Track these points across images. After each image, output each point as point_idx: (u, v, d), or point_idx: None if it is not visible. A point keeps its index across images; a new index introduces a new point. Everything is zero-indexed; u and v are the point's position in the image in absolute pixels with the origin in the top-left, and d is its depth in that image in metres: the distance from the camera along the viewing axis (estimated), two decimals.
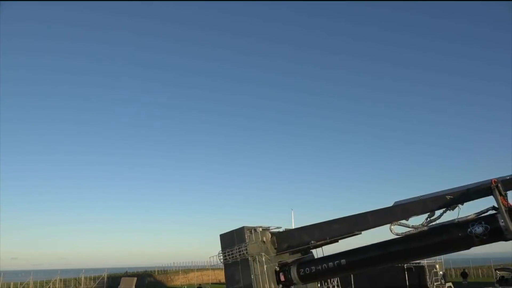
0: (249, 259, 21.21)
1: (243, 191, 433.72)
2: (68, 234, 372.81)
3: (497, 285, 33.84)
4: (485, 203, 16.25)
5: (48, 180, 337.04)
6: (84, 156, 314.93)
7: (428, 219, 17.27)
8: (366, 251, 19.12)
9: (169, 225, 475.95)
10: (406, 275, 31.52)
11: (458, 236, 16.17)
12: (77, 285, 50.23)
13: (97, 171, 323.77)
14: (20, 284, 46.39)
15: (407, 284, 31.31)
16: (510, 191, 15.73)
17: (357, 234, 19.95)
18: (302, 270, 21.55)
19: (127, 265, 68.92)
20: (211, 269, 59.71)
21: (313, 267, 21.28)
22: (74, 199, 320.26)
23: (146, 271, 60.86)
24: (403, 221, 17.87)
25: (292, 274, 21.65)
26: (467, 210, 16.98)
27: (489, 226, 15.24)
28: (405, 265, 32.31)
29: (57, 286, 47.92)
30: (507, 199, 15.44)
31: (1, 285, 45.13)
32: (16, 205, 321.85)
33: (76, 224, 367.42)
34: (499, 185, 15.31)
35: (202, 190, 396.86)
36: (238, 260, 21.69)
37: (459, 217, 16.56)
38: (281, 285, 21.75)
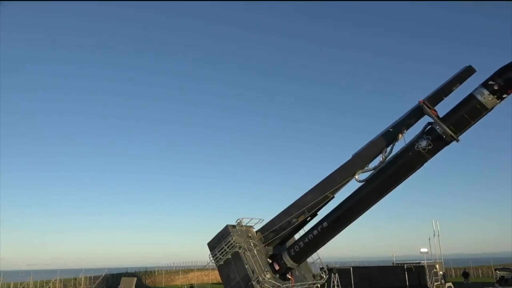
0: (239, 251, 21.48)
1: (244, 191, 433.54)
2: (68, 235, 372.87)
3: (497, 285, 33.82)
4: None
5: (47, 180, 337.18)
6: (84, 156, 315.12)
7: (383, 156, 19.46)
8: (341, 206, 20.78)
9: (169, 225, 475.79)
10: (406, 275, 31.45)
11: (410, 155, 18.48)
12: (77, 285, 50.17)
13: (98, 170, 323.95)
14: (20, 284, 46.35)
15: (407, 284, 31.25)
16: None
17: (331, 198, 21.43)
18: (292, 250, 22.21)
19: (127, 265, 68.64)
20: (211, 269, 59.65)
21: (301, 243, 21.96)
22: (74, 199, 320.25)
23: (146, 271, 60.69)
24: (365, 168, 19.98)
25: (284, 258, 22.19)
26: (411, 137, 19.25)
27: (430, 137, 17.81)
28: (405, 265, 32.29)
29: (57, 286, 47.86)
30: (436, 111, 18.11)
31: (1, 285, 45.07)
32: (14, 206, 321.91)
33: (76, 225, 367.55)
34: (426, 102, 18.04)
35: (202, 190, 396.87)
36: (229, 256, 21.85)
37: (406, 143, 18.88)
38: (278, 275, 21.92)
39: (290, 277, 22.76)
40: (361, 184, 20.11)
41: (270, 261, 22.57)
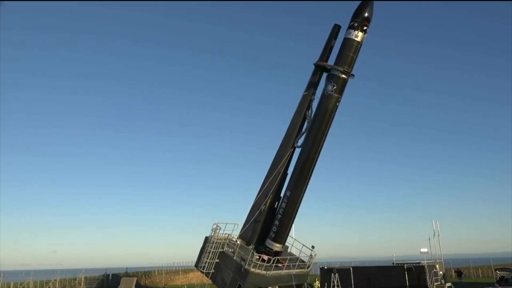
0: (224, 250, 22.02)
1: (243, 190, 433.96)
2: (68, 234, 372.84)
3: (497, 285, 33.76)
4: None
5: (48, 181, 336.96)
6: (85, 156, 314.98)
7: (308, 117, 23.62)
8: (294, 172, 23.44)
9: (169, 225, 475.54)
10: (406, 275, 31.42)
11: (324, 101, 22.58)
12: (76, 285, 50.16)
13: (98, 170, 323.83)
14: (20, 284, 46.33)
15: (407, 284, 31.21)
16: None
17: (285, 174, 24.31)
18: (272, 233, 23.56)
19: (127, 265, 68.68)
20: None
21: (276, 222, 23.49)
22: (74, 200, 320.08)
23: (146, 271, 60.66)
24: (300, 134, 23.82)
25: (268, 244, 22.86)
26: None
27: (332, 80, 22.48)
28: (405, 265, 32.26)
29: (57, 286, 47.84)
30: (328, 63, 23.42)
31: (1, 285, 45.05)
32: (12, 206, 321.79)
33: (76, 225, 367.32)
34: (318, 62, 23.64)
35: (202, 190, 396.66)
36: (217, 260, 22.16)
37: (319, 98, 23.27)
38: (270, 263, 22.18)
39: (281, 264, 23.03)
40: (301, 148, 23.57)
41: (258, 256, 22.90)
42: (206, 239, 23.61)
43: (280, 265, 23.02)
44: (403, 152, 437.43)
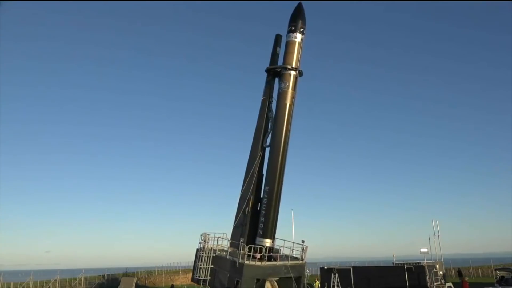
0: (217, 253, 22.15)
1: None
2: (68, 234, 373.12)
3: (497, 285, 33.75)
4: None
5: (48, 181, 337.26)
6: (85, 157, 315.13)
7: (271, 117, 25.63)
8: (268, 169, 24.41)
9: (169, 225, 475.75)
10: (406, 275, 31.40)
11: (281, 98, 24.61)
12: (76, 285, 50.17)
13: (99, 171, 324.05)
14: (20, 284, 46.36)
15: (407, 284, 31.17)
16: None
17: (261, 175, 25.21)
18: (259, 230, 23.74)
19: (127, 265, 68.76)
20: None
21: (262, 218, 23.76)
22: (74, 200, 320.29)
23: (146, 271, 60.68)
24: (266, 134, 25.51)
25: (258, 242, 22.87)
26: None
27: (283, 79, 24.76)
28: (405, 265, 32.24)
29: (57, 286, 47.87)
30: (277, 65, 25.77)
31: (1, 285, 45.08)
32: (11, 207, 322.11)
33: (76, 225, 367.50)
34: (269, 67, 25.98)
35: (202, 190, 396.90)
36: (212, 266, 22.22)
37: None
38: (263, 254, 22.18)
39: (274, 259, 22.98)
40: (270, 146, 24.81)
41: (251, 256, 22.91)
42: (198, 250, 23.93)
43: (273, 260, 23.01)
44: (403, 153, 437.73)
